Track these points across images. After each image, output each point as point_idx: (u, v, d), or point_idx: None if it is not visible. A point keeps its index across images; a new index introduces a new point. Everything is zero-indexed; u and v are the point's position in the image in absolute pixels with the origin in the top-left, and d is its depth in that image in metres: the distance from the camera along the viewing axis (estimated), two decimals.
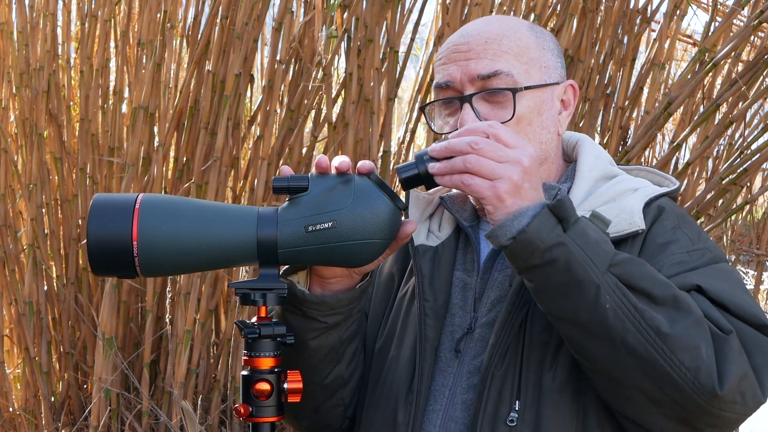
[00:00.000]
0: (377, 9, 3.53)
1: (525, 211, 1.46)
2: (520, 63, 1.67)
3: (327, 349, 1.64)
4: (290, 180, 1.51)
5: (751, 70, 3.36)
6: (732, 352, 1.46)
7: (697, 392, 1.45)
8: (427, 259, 1.69)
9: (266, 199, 3.57)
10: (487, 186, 1.46)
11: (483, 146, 1.46)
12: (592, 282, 1.45)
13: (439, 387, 1.64)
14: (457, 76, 1.66)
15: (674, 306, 1.46)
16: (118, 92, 3.89)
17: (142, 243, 1.46)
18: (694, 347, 1.44)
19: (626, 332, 1.45)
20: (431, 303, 1.66)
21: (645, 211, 1.62)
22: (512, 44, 1.67)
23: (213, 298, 3.65)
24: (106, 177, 3.83)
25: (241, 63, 3.53)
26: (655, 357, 1.45)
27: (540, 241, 1.44)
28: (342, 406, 1.71)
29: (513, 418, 1.56)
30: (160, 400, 3.68)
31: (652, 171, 1.75)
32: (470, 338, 1.64)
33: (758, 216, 5.54)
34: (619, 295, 1.45)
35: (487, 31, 1.68)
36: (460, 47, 1.67)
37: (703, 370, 1.44)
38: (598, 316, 1.45)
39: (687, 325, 1.45)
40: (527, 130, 1.67)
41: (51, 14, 3.91)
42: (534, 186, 1.48)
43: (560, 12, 3.57)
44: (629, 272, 1.47)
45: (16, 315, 3.87)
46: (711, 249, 1.61)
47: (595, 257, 1.45)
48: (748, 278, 6.34)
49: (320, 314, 1.60)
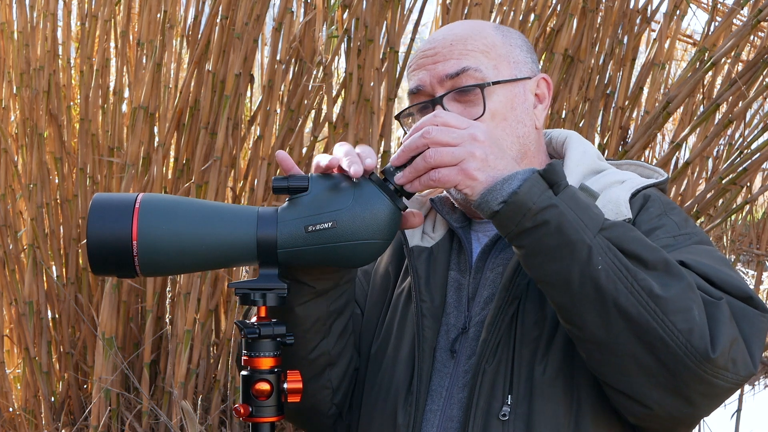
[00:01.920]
0: (377, 9, 3.54)
1: (515, 174, 1.46)
2: (488, 59, 1.69)
3: (314, 319, 1.63)
4: (290, 180, 1.51)
5: (750, 69, 3.36)
6: (723, 316, 1.45)
7: (689, 355, 1.44)
8: (422, 260, 1.69)
9: (266, 199, 3.57)
10: (455, 171, 1.46)
11: (435, 134, 1.46)
12: (584, 243, 1.44)
13: (437, 387, 1.64)
14: (426, 79, 1.68)
15: (666, 270, 1.46)
16: (118, 92, 3.89)
17: (141, 242, 1.46)
18: (687, 309, 1.44)
19: (618, 293, 1.44)
20: (428, 303, 1.66)
21: (631, 202, 1.62)
22: (478, 43, 1.70)
23: (213, 298, 3.66)
24: (106, 177, 3.84)
25: (241, 63, 3.54)
26: (648, 319, 1.43)
27: (531, 203, 1.44)
28: (329, 388, 1.70)
29: (505, 413, 1.56)
30: (160, 400, 3.68)
31: (641, 165, 1.76)
32: (465, 338, 1.64)
33: (758, 216, 5.55)
34: (611, 256, 1.44)
35: (453, 34, 1.71)
36: (426, 53, 1.70)
37: (696, 331, 1.43)
38: (590, 277, 1.44)
39: (679, 288, 1.44)
40: (502, 125, 1.68)
41: (51, 14, 3.91)
42: (499, 156, 1.48)
43: (560, 12, 3.57)
44: (621, 235, 1.46)
45: (16, 315, 3.87)
46: (697, 234, 1.62)
47: (587, 219, 1.45)
48: (748, 278, 6.34)
49: (310, 278, 1.59)
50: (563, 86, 3.59)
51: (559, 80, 3.56)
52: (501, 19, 3.67)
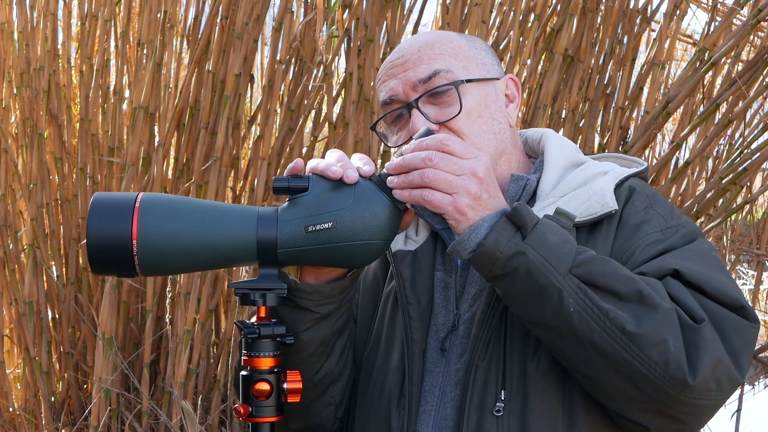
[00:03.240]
0: (377, 9, 3.54)
1: (481, 223, 1.48)
2: (457, 61, 1.71)
3: (318, 342, 1.64)
4: (290, 180, 1.51)
5: (750, 69, 3.36)
6: (704, 341, 1.47)
7: (668, 385, 1.46)
8: (406, 263, 1.70)
9: (266, 199, 3.57)
10: (448, 201, 1.48)
11: (437, 161, 1.48)
12: (554, 287, 1.46)
13: (429, 387, 1.65)
14: (399, 88, 1.70)
15: (639, 301, 1.47)
16: (118, 92, 3.89)
17: (141, 242, 1.46)
18: (661, 341, 1.46)
19: (592, 333, 1.46)
20: (414, 306, 1.67)
21: (616, 193, 1.64)
22: (445, 47, 1.72)
23: (213, 298, 3.65)
24: (106, 177, 3.84)
25: (241, 63, 3.54)
26: (623, 355, 1.46)
27: (499, 252, 1.46)
28: (333, 405, 1.71)
29: (499, 408, 1.57)
30: (160, 400, 3.68)
31: (620, 156, 1.78)
32: (455, 336, 1.65)
33: (758, 216, 5.55)
34: (582, 297, 1.46)
35: (419, 42, 1.73)
36: (395, 62, 1.72)
37: (671, 363, 1.45)
38: (563, 319, 1.47)
39: (653, 321, 1.46)
40: (479, 122, 1.69)
41: (51, 14, 3.91)
42: (492, 194, 1.50)
43: (560, 12, 3.57)
44: (591, 271, 1.48)
45: (16, 315, 3.87)
46: (684, 225, 1.63)
47: (556, 261, 1.47)
48: (748, 278, 6.34)
49: (313, 304, 1.60)
50: (563, 86, 3.59)
51: (559, 80, 3.56)
52: (501, 19, 3.67)
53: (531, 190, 1.69)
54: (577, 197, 1.62)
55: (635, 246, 1.58)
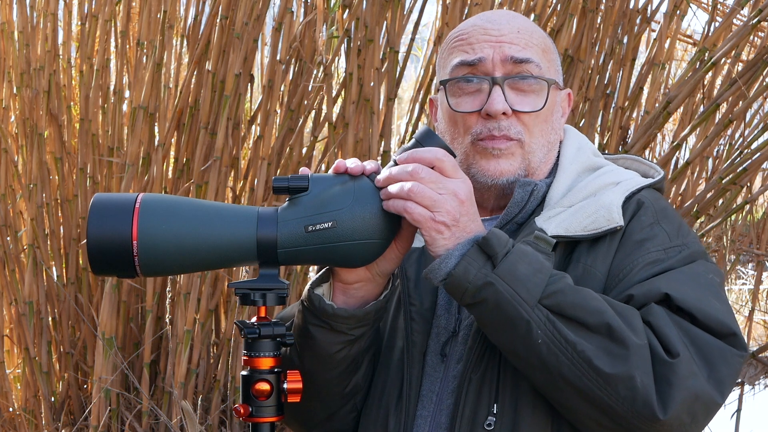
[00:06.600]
0: (377, 9, 3.54)
1: (452, 252, 1.48)
2: (546, 60, 1.69)
3: (350, 360, 1.64)
4: (290, 180, 1.51)
5: (750, 69, 3.36)
6: (676, 377, 1.45)
7: (637, 419, 1.46)
8: (412, 260, 1.69)
9: (266, 199, 3.57)
10: (428, 217, 1.47)
11: (423, 175, 1.47)
12: (522, 319, 1.46)
13: (427, 392, 1.64)
14: (491, 54, 1.66)
15: (608, 335, 1.46)
16: (118, 92, 3.89)
17: (141, 242, 1.46)
18: (628, 377, 1.45)
19: (560, 365, 1.46)
20: (417, 306, 1.66)
21: (625, 206, 1.61)
22: (539, 41, 1.69)
23: (213, 298, 3.65)
24: (106, 177, 3.83)
25: (241, 63, 3.53)
26: (591, 388, 1.46)
27: (468, 282, 1.47)
28: (356, 411, 1.71)
29: (491, 422, 1.56)
30: (160, 400, 3.68)
31: (638, 160, 1.75)
32: (455, 341, 1.64)
33: (758, 216, 5.54)
34: (551, 329, 1.46)
35: (517, 23, 1.69)
36: (490, 30, 1.67)
37: (638, 399, 1.45)
38: (532, 350, 1.47)
39: (620, 356, 1.45)
40: (543, 126, 1.68)
41: (51, 14, 3.91)
42: (471, 218, 1.50)
43: (560, 12, 3.57)
44: (561, 302, 1.47)
45: (16, 315, 3.87)
46: (689, 245, 1.60)
47: (525, 293, 1.46)
48: (747, 278, 6.34)
49: (348, 327, 1.60)
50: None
51: None
52: None
53: (539, 196, 1.66)
54: (584, 209, 1.59)
55: (634, 264, 1.56)
